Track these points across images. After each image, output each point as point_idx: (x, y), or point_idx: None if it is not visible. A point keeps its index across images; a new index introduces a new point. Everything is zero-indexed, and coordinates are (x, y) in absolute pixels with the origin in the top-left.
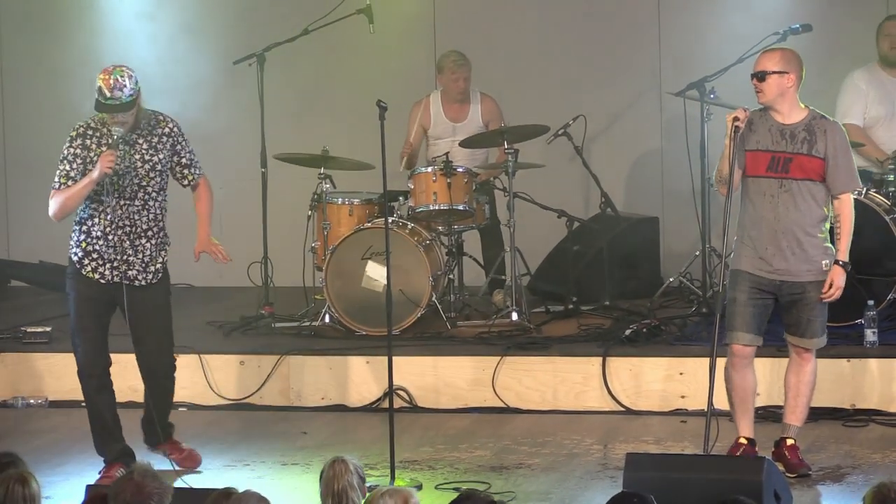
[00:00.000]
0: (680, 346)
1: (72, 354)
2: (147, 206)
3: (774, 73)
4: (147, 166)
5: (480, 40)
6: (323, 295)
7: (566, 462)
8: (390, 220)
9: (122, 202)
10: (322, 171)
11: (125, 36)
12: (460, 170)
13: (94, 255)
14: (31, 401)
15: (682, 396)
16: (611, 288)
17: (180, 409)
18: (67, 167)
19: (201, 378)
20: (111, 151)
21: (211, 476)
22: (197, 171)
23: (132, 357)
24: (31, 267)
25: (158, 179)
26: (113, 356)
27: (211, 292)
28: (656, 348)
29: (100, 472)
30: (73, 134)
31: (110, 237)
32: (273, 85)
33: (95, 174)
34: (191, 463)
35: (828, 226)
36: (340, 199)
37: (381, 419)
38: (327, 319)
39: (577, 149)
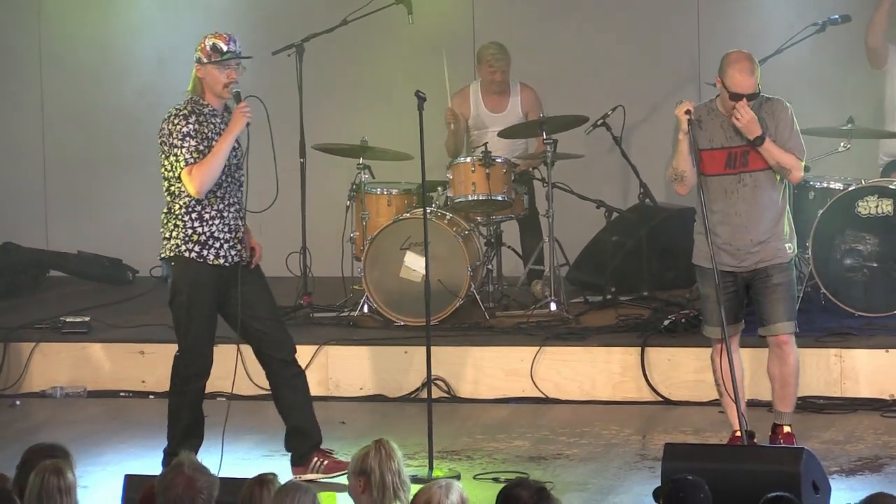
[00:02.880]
0: None
1: (110, 344)
2: (242, 182)
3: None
4: (234, 143)
5: (520, 30)
6: (361, 285)
7: (604, 452)
8: (429, 210)
9: (228, 179)
10: (361, 161)
11: (164, 31)
12: (499, 160)
13: (212, 241)
14: (70, 391)
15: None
16: (649, 278)
17: (218, 398)
18: (194, 142)
19: (239, 368)
20: (244, 104)
21: (250, 466)
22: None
23: (171, 347)
24: (69, 257)
25: (239, 157)
26: (148, 346)
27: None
28: (695, 339)
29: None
30: (185, 112)
31: (225, 215)
32: (312, 75)
33: (237, 128)
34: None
35: (789, 210)
36: (379, 190)
37: (420, 409)
38: (366, 309)
39: (616, 139)
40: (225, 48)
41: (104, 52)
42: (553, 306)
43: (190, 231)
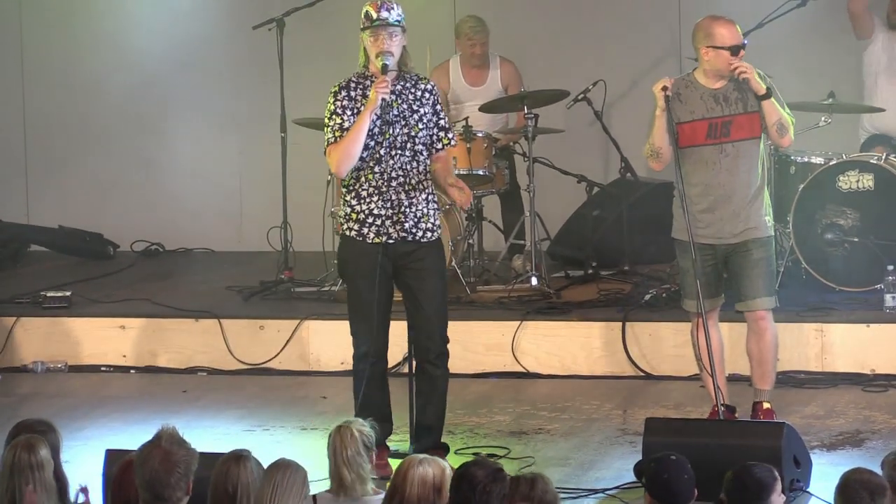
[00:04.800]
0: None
1: (90, 319)
2: (417, 159)
3: None
4: (415, 116)
5: (500, 4)
6: None
7: (585, 427)
8: None
9: (392, 152)
10: None
11: (146, 4)
12: (480, 134)
13: (371, 218)
14: (51, 365)
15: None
16: (630, 253)
17: (199, 373)
18: (339, 120)
19: (221, 343)
20: (382, 77)
21: (230, 441)
22: (452, 139)
23: (152, 321)
24: (50, 232)
25: (425, 132)
26: (129, 321)
27: (230, 257)
28: (676, 313)
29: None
30: (335, 89)
31: (384, 190)
32: (293, 49)
33: (370, 105)
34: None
35: (765, 183)
36: None
37: (401, 384)
38: None
39: (597, 114)
40: (374, 15)
41: (86, 25)
42: (534, 281)
43: (349, 209)
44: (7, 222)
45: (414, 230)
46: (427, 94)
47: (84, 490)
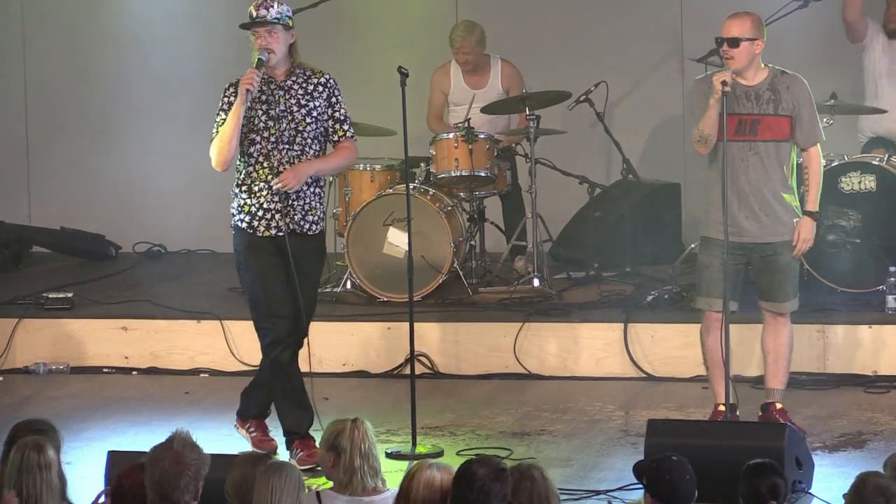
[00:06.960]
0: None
1: (92, 320)
2: (305, 153)
3: (746, 40)
4: (303, 111)
5: (502, 5)
6: (344, 261)
7: (588, 428)
8: (412, 186)
9: (280, 147)
10: None
11: (146, 4)
12: (482, 136)
13: (262, 212)
14: (53, 367)
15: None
16: (632, 254)
17: (201, 374)
18: (223, 115)
19: (223, 344)
20: (252, 70)
21: (233, 442)
22: (349, 131)
23: (154, 323)
24: (52, 233)
25: (314, 126)
26: (131, 322)
27: (232, 258)
28: (678, 314)
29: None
30: (226, 85)
31: (273, 184)
32: None
33: (238, 99)
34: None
35: (795, 185)
36: (362, 166)
37: (403, 385)
38: (349, 286)
39: (599, 115)
40: (254, 14)
41: (88, 25)
42: (536, 282)
43: (241, 202)
44: (9, 223)
45: (301, 222)
46: (321, 88)
47: (105, 492)
